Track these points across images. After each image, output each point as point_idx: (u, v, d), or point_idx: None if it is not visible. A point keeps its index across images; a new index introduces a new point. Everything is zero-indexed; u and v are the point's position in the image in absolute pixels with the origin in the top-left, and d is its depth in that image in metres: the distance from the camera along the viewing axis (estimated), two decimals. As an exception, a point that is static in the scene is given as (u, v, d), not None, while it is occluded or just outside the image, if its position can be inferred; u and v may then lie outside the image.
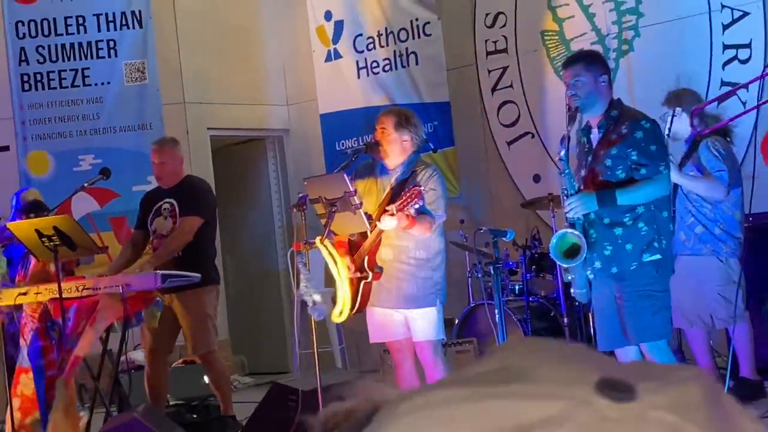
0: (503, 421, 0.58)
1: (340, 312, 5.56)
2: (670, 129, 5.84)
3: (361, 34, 10.00)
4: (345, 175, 5.36)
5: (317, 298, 5.56)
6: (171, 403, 7.37)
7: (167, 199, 6.97)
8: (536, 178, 8.84)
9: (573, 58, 5.19)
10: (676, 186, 6.25)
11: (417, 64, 9.65)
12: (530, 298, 7.44)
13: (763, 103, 6.00)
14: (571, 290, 5.03)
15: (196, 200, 6.98)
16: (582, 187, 4.85)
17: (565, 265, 4.96)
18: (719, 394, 0.63)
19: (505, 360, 0.64)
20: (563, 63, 5.24)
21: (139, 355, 8.14)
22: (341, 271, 5.50)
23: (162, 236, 6.88)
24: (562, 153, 4.89)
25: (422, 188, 5.25)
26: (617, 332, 4.80)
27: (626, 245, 4.73)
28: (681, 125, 5.99)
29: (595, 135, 4.92)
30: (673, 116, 5.92)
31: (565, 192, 4.84)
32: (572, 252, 4.74)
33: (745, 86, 7.06)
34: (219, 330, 10.03)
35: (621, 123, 4.83)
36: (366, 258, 5.46)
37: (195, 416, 7.34)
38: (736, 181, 6.18)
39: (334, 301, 5.64)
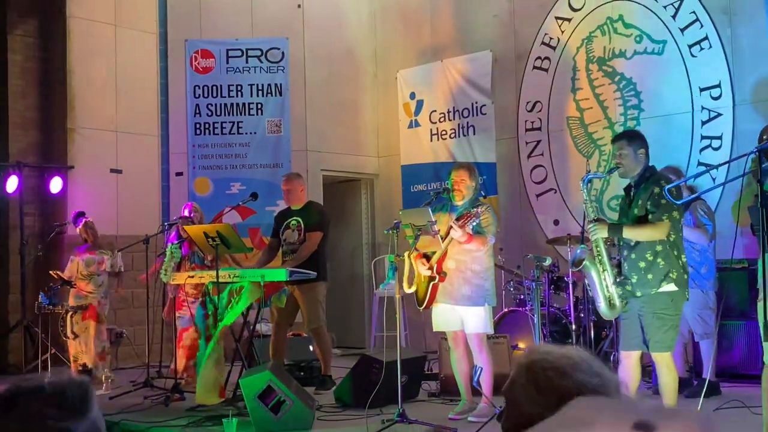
0: None
1: (418, 300, 5.61)
2: None
3: (435, 110, 10.03)
4: (429, 209, 5.40)
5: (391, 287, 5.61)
6: (285, 363, 7.38)
7: (295, 217, 7.03)
8: (556, 222, 8.78)
9: (619, 135, 4.93)
10: None
11: (474, 134, 9.66)
12: (550, 309, 7.38)
13: (725, 183, 5.94)
14: (596, 305, 4.92)
15: (320, 219, 7.04)
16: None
17: (575, 270, 4.87)
18: (711, 427, 0.70)
19: (575, 412, 0.70)
20: (613, 138, 4.97)
21: (263, 327, 8.18)
22: (419, 273, 5.59)
23: (290, 243, 6.93)
24: (585, 189, 4.82)
25: (478, 210, 5.29)
26: (636, 339, 4.61)
27: (648, 275, 4.55)
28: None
29: (634, 191, 4.74)
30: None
31: (588, 218, 4.76)
32: (578, 262, 4.68)
33: (716, 168, 7.02)
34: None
35: (651, 182, 4.66)
36: (435, 266, 5.49)
37: (302, 373, 7.35)
38: (714, 234, 6.13)
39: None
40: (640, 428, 0.64)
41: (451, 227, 5.30)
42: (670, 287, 4.55)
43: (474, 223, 5.29)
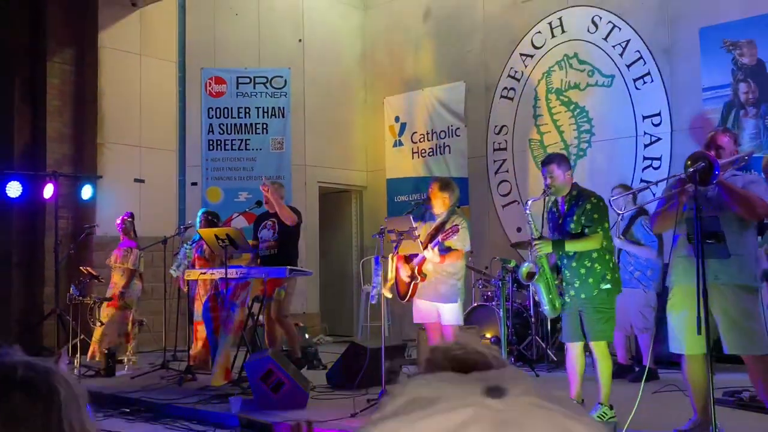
0: (435, 430, 0.55)
1: (400, 295, 5.54)
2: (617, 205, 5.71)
3: (416, 132, 10.02)
4: (411, 217, 5.34)
5: (379, 291, 5.53)
6: (283, 348, 7.29)
7: (271, 219, 6.80)
8: (519, 230, 8.74)
9: (548, 159, 4.79)
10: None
11: (450, 153, 9.65)
12: (513, 304, 7.35)
13: (660, 198, 5.92)
14: (540, 308, 4.90)
15: (294, 210, 6.77)
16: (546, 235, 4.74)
17: (526, 283, 4.83)
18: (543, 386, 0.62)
19: (413, 394, 0.60)
20: (542, 161, 4.87)
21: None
22: (394, 274, 5.54)
23: (265, 241, 6.73)
24: (528, 212, 4.81)
25: (458, 227, 5.25)
26: (576, 332, 4.60)
27: (589, 279, 4.53)
28: (620, 202, 5.86)
29: (561, 206, 4.70)
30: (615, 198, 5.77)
31: (532, 236, 4.72)
32: (531, 275, 4.65)
33: (655, 184, 7.03)
34: (313, 306, 10.06)
35: (580, 199, 4.61)
36: (416, 268, 5.44)
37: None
38: (661, 249, 6.07)
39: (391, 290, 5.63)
40: (492, 393, 0.58)
41: (430, 240, 5.28)
42: (607, 286, 4.55)
43: (453, 238, 5.26)
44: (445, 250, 5.31)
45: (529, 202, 4.84)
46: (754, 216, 4.03)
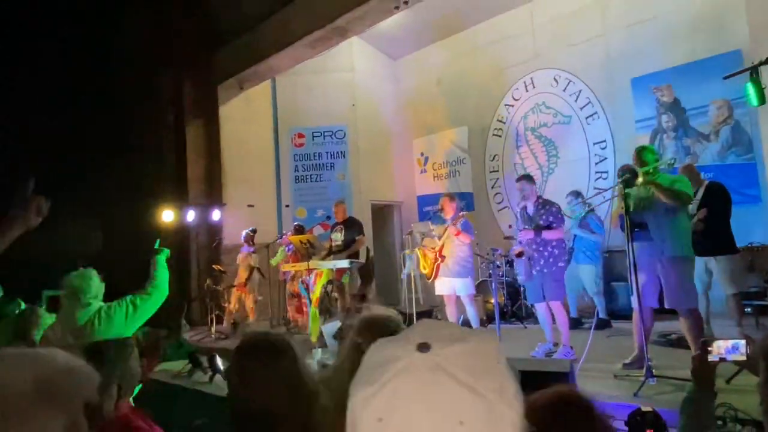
0: (375, 358, 0.55)
1: (427, 276, 5.58)
2: (574, 209, 5.70)
3: (435, 162, 10.04)
4: (429, 222, 5.43)
5: (408, 272, 5.59)
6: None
7: (339, 225, 6.81)
8: (509, 227, 8.73)
9: (520, 178, 4.87)
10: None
11: (460, 175, 9.64)
12: (507, 278, 7.32)
13: (605, 201, 5.86)
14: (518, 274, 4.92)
15: (360, 228, 6.79)
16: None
17: (517, 259, 4.83)
18: (487, 352, 0.53)
19: (372, 360, 0.57)
20: (517, 179, 4.94)
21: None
22: (424, 261, 5.59)
23: (335, 240, 6.72)
24: (519, 216, 4.84)
25: (463, 215, 5.30)
26: (539, 296, 4.63)
27: (549, 259, 4.58)
28: (576, 208, 5.86)
29: (530, 209, 4.71)
30: (575, 205, 5.78)
31: (519, 228, 4.74)
32: (520, 254, 4.65)
33: (605, 191, 6.93)
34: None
35: (545, 205, 4.66)
36: (437, 253, 5.49)
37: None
38: (605, 236, 6.00)
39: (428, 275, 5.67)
40: (420, 347, 0.54)
41: (447, 228, 5.36)
42: (560, 265, 4.57)
43: (461, 223, 5.32)
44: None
45: (518, 223, 4.92)
46: (680, 204, 3.96)
